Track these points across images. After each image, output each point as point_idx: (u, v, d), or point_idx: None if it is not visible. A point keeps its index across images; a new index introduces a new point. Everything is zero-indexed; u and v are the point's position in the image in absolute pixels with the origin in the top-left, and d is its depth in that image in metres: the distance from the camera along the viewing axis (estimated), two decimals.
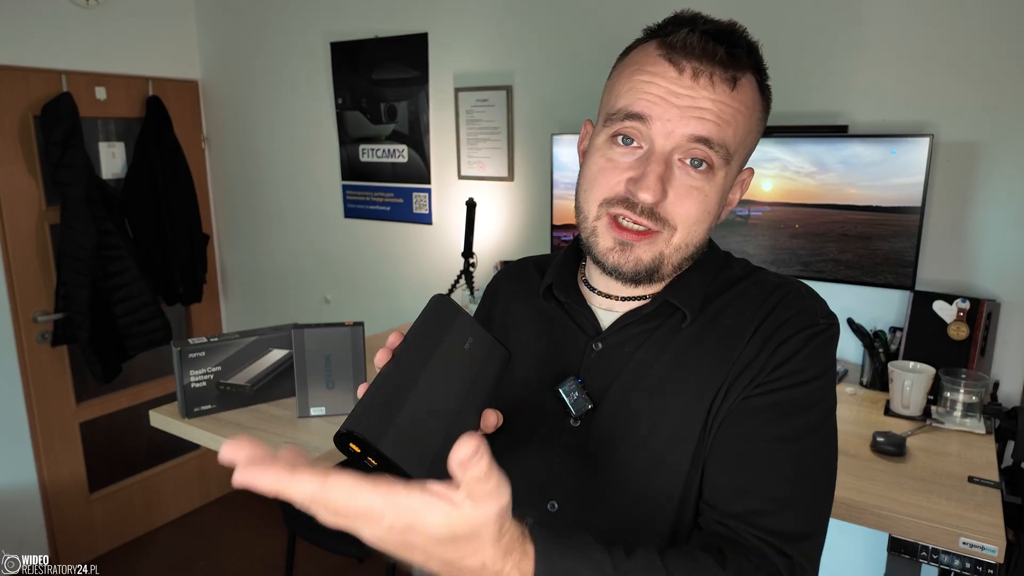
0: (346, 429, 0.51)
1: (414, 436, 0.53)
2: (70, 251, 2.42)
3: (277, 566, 2.70)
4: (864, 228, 1.64)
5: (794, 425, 0.66)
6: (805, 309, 0.70)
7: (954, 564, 1.14)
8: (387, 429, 0.52)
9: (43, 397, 2.57)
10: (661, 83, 0.64)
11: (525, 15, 2.13)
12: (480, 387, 0.62)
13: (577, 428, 0.72)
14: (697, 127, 0.64)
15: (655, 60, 0.66)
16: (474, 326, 0.65)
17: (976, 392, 1.46)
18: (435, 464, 0.53)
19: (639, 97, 0.65)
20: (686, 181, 0.66)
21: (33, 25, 2.40)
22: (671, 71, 0.64)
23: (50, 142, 2.38)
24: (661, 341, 0.72)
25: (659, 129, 0.64)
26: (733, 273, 0.76)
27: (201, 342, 1.53)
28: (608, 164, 0.68)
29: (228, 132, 2.97)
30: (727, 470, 0.66)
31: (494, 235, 2.32)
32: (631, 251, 0.67)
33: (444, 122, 2.37)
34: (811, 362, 0.68)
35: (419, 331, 0.61)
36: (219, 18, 2.85)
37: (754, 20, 1.90)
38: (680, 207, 0.66)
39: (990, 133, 1.57)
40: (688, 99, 0.64)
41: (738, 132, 0.66)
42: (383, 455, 0.51)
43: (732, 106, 0.65)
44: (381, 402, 0.53)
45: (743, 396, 0.67)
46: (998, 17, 1.52)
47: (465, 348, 0.63)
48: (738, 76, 0.65)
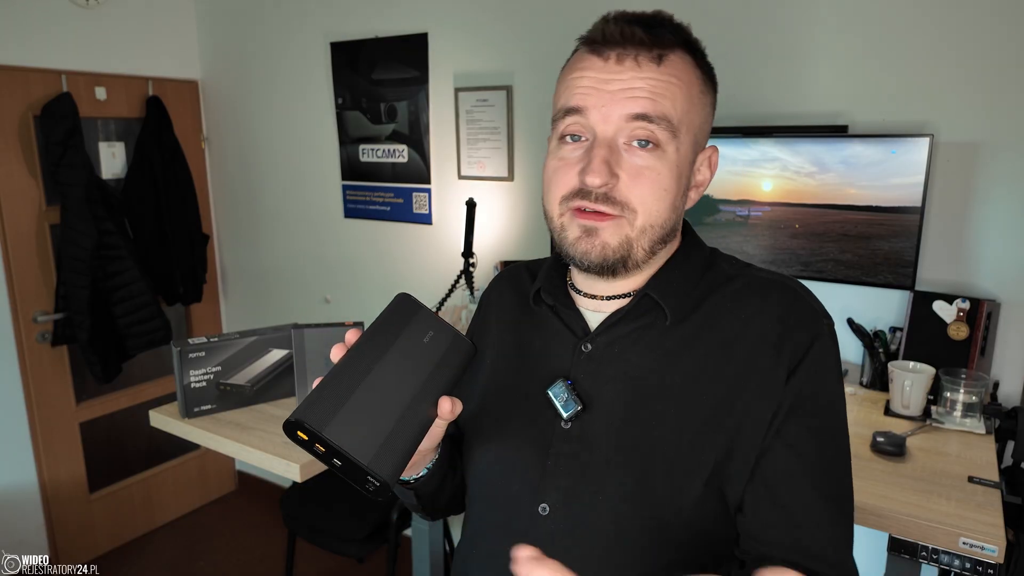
0: (293, 418, 0.53)
1: (361, 423, 0.55)
2: (70, 251, 2.42)
3: (277, 566, 2.70)
4: (864, 228, 1.64)
5: (828, 452, 0.69)
6: (809, 313, 0.70)
7: (954, 564, 1.14)
8: (331, 417, 0.54)
9: (43, 397, 2.57)
10: (590, 74, 0.67)
11: (525, 15, 2.13)
12: (439, 378, 0.63)
13: (568, 430, 0.71)
14: (631, 105, 0.65)
15: (582, 57, 0.69)
16: (436, 320, 0.67)
17: (976, 392, 1.46)
18: (384, 449, 0.55)
19: (572, 93, 0.68)
20: (635, 162, 0.66)
21: (33, 25, 2.40)
22: (597, 61, 0.67)
23: (50, 142, 2.38)
24: (652, 342, 0.71)
25: (596, 117, 0.66)
26: (723, 270, 0.75)
27: (201, 342, 1.53)
28: (560, 163, 0.69)
29: (228, 132, 2.97)
30: (770, 512, 0.66)
31: (494, 235, 2.32)
32: (596, 236, 0.68)
33: (444, 122, 2.37)
34: (832, 375, 0.70)
35: (377, 326, 0.63)
36: (219, 18, 2.85)
37: (754, 20, 1.92)
38: (634, 188, 0.66)
39: (990, 133, 1.57)
40: (617, 83, 0.65)
41: (676, 104, 0.66)
42: (327, 441, 0.53)
43: (663, 80, 0.66)
44: (329, 392, 0.56)
45: (776, 428, 0.66)
46: (998, 17, 1.52)
47: (424, 341, 0.64)
48: (664, 53, 0.66)
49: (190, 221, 2.86)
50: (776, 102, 1.80)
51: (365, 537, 2.08)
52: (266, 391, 1.61)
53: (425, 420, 0.61)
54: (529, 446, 0.73)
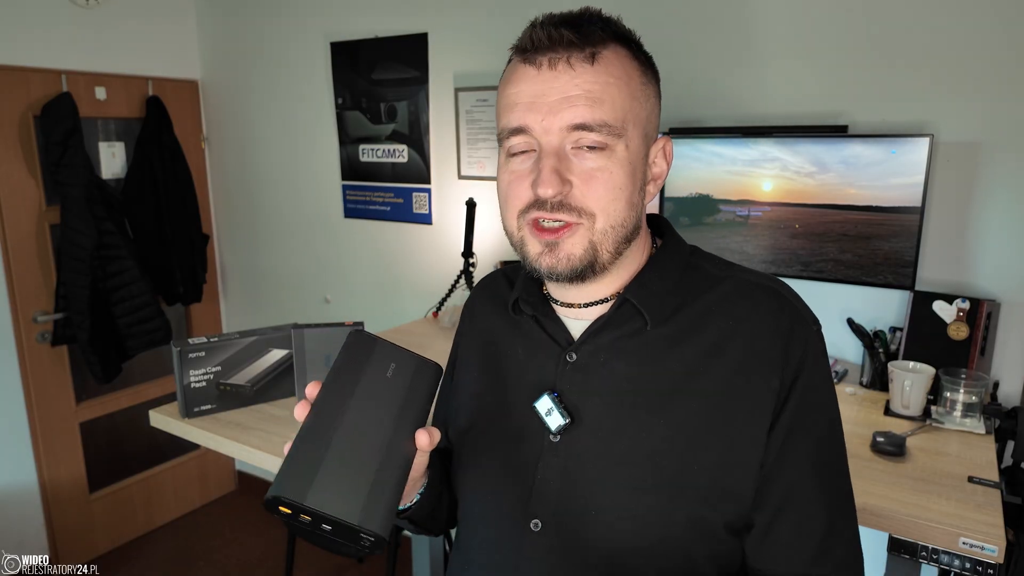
0: (271, 495, 0.51)
1: (341, 480, 0.53)
2: (70, 251, 2.42)
3: (277, 566, 2.70)
4: (864, 228, 1.64)
5: (834, 464, 0.70)
6: (800, 320, 0.69)
7: (954, 564, 1.14)
8: (310, 483, 0.52)
9: (43, 397, 2.57)
10: (526, 88, 0.66)
11: (525, 15, 2.12)
12: (411, 409, 0.62)
13: (557, 444, 0.70)
14: (570, 116, 0.64)
15: (515, 68, 0.68)
16: (395, 351, 0.65)
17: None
18: (370, 501, 0.53)
19: (512, 112, 0.67)
20: (585, 165, 0.65)
21: (33, 25, 2.40)
22: (531, 71, 0.66)
23: (50, 142, 2.38)
24: (637, 350, 0.70)
25: (539, 132, 0.65)
26: (706, 271, 0.73)
27: (201, 342, 1.52)
28: (512, 177, 0.68)
29: (228, 132, 2.97)
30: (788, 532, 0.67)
31: (494, 235, 2.32)
32: (559, 249, 0.66)
33: (444, 122, 2.37)
34: (826, 381, 0.70)
35: (336, 373, 0.61)
36: (219, 18, 2.85)
37: (754, 20, 1.91)
38: (589, 192, 0.65)
39: (990, 133, 1.57)
40: (554, 92, 0.64)
41: (617, 103, 0.65)
42: (311, 509, 0.51)
43: (599, 81, 0.64)
44: (302, 458, 0.54)
45: (782, 446, 0.67)
46: (998, 17, 1.52)
47: (388, 376, 0.63)
48: (596, 51, 0.65)
49: (190, 221, 2.86)
50: (776, 102, 1.80)
51: None
52: (266, 391, 1.61)
53: (406, 458, 0.59)
54: (518, 461, 0.72)
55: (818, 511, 0.67)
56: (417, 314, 2.52)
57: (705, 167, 1.78)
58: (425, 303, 2.48)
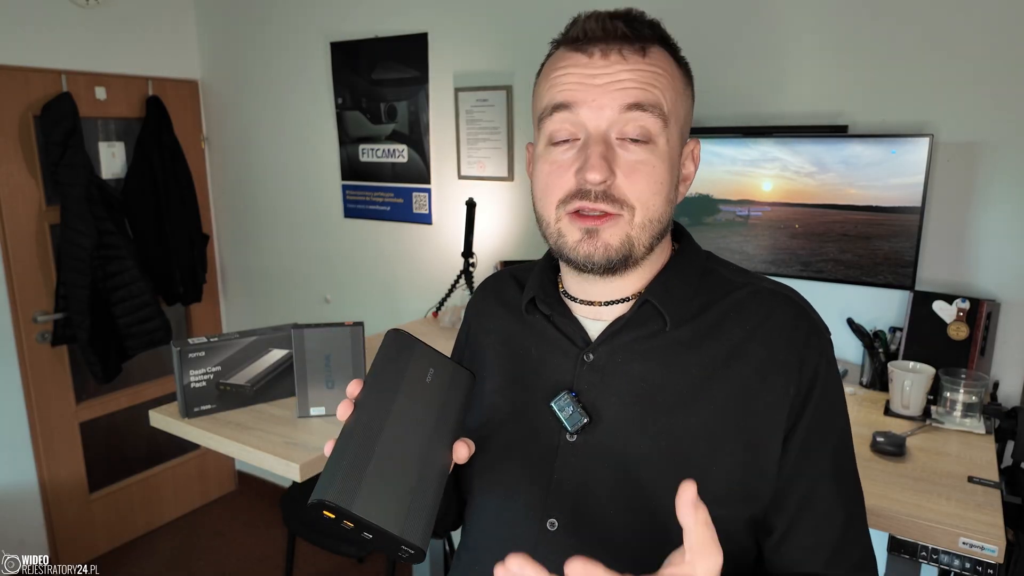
0: (316, 499, 0.51)
1: (384, 490, 0.53)
2: (70, 251, 2.42)
3: (277, 566, 2.70)
4: (864, 228, 1.64)
5: (848, 468, 0.71)
6: (815, 330, 0.71)
7: (954, 564, 1.14)
8: (356, 491, 0.51)
9: (43, 397, 2.57)
10: (575, 70, 0.65)
11: (525, 15, 2.13)
12: (447, 418, 0.61)
13: (574, 443, 0.70)
14: (623, 96, 0.64)
15: (564, 56, 0.67)
16: (434, 356, 0.65)
17: (976, 392, 1.46)
18: (412, 513, 0.53)
19: (559, 90, 0.66)
20: (630, 157, 0.65)
21: (33, 25, 2.40)
22: (582, 58, 0.66)
23: (50, 142, 2.38)
24: (656, 352, 0.70)
25: (587, 112, 0.65)
26: (723, 276, 0.74)
27: (201, 342, 1.52)
28: (553, 167, 0.67)
29: (228, 132, 2.97)
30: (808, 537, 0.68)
31: (494, 235, 2.32)
32: (598, 237, 0.66)
33: (444, 122, 2.37)
34: (839, 389, 0.72)
35: (379, 375, 0.60)
36: (219, 18, 2.85)
37: (754, 20, 1.91)
38: (632, 185, 0.65)
39: (990, 133, 1.57)
40: (605, 76, 0.64)
41: (665, 93, 0.66)
42: (357, 517, 0.51)
43: (650, 70, 0.65)
44: (348, 463, 0.53)
45: (799, 452, 0.68)
46: (998, 17, 1.52)
47: (428, 381, 0.62)
48: (646, 46, 0.66)
49: (190, 221, 2.86)
50: (776, 102, 1.80)
51: None
52: (266, 391, 1.61)
53: (442, 468, 0.59)
54: (534, 460, 0.72)
55: (835, 514, 0.68)
56: (417, 314, 2.52)
57: (705, 167, 1.78)
58: (425, 303, 2.48)
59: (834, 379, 0.71)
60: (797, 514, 0.68)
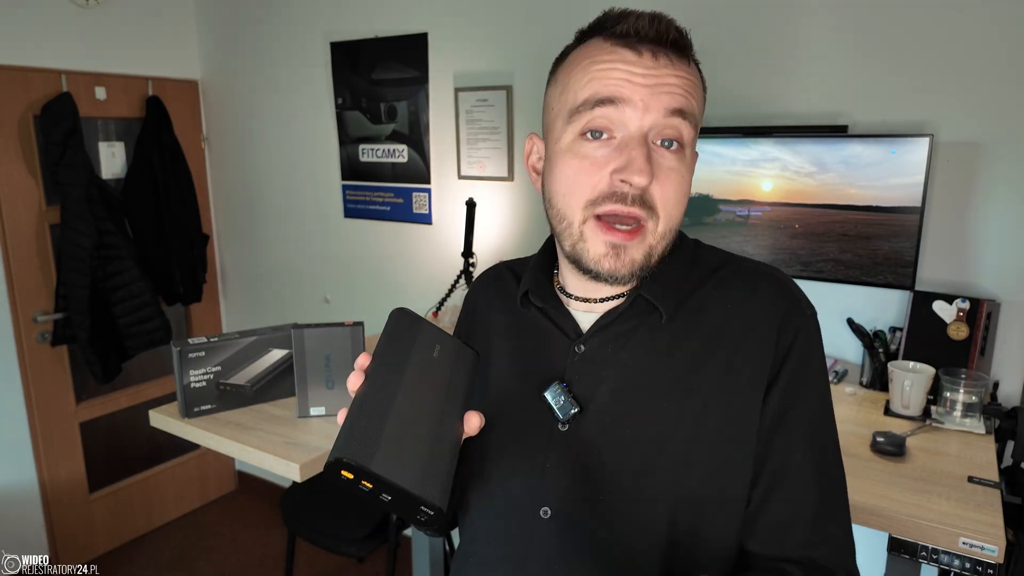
0: (334, 458, 0.50)
1: (401, 451, 0.53)
2: (70, 251, 2.42)
3: (277, 566, 2.70)
4: (864, 228, 1.64)
5: (822, 442, 0.70)
6: (795, 303, 0.71)
7: (954, 564, 1.14)
8: (375, 450, 0.51)
9: (43, 397, 2.57)
10: (623, 67, 0.63)
11: (525, 15, 2.13)
12: (456, 391, 0.62)
13: (566, 432, 0.71)
14: (670, 101, 0.63)
15: (610, 50, 0.64)
16: (439, 333, 0.65)
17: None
18: (428, 475, 0.53)
19: (605, 83, 0.63)
20: (664, 163, 0.65)
21: (33, 25, 2.40)
22: (630, 55, 0.63)
23: (50, 142, 2.38)
24: (644, 340, 0.71)
25: (632, 111, 0.63)
26: (707, 262, 0.75)
27: (201, 342, 1.53)
28: (584, 163, 0.65)
29: (228, 132, 2.97)
30: (782, 509, 0.68)
31: (494, 235, 2.32)
32: (625, 254, 0.66)
33: (444, 122, 2.37)
34: (819, 364, 0.71)
35: (387, 347, 0.61)
36: (219, 18, 2.85)
37: (754, 19, 1.91)
38: (664, 191, 0.65)
39: (990, 133, 1.57)
40: (653, 77, 0.63)
41: (699, 105, 0.67)
42: (376, 476, 0.50)
43: (691, 80, 0.66)
44: (364, 424, 0.53)
45: (774, 423, 0.68)
46: (998, 17, 1.52)
47: (435, 356, 0.63)
48: (690, 56, 0.67)
49: (190, 221, 2.86)
50: (776, 102, 1.80)
51: (365, 537, 2.08)
52: (266, 391, 1.61)
53: (456, 438, 0.59)
54: (528, 449, 0.73)
55: (810, 488, 0.67)
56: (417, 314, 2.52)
57: (705, 167, 1.78)
58: (425, 303, 2.48)
59: (814, 353, 0.70)
60: (770, 486, 0.67)
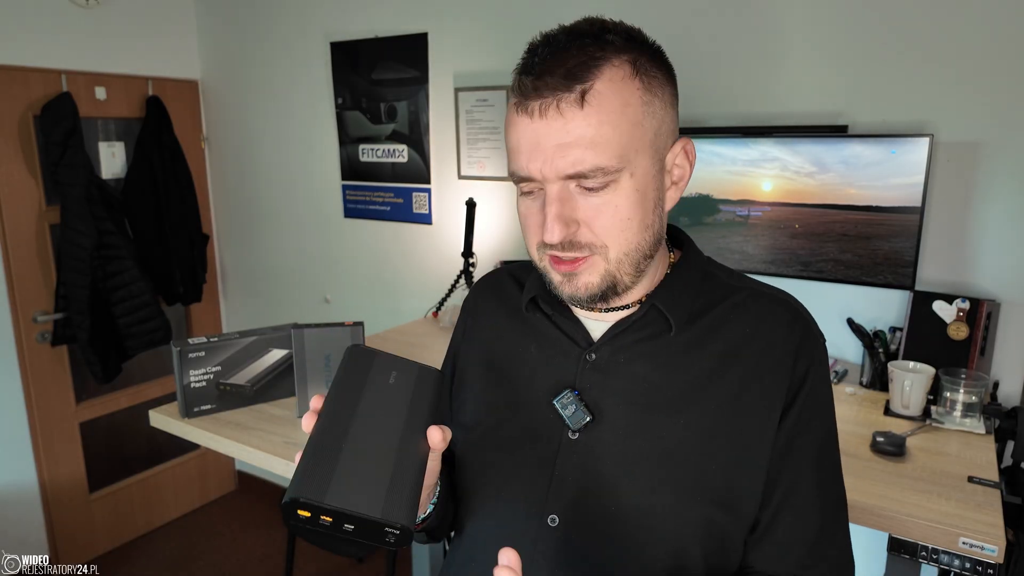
0: (289, 498, 0.50)
1: (357, 480, 0.53)
2: (70, 251, 2.42)
3: (277, 566, 2.70)
4: (864, 228, 1.64)
5: (828, 467, 0.72)
6: (809, 334, 0.72)
7: (954, 564, 1.14)
8: (327, 484, 0.51)
9: (43, 397, 2.57)
10: (524, 136, 0.65)
11: (525, 15, 2.13)
12: (418, 412, 0.62)
13: (576, 440, 0.71)
14: (563, 166, 0.63)
15: (515, 118, 0.66)
16: (395, 360, 0.66)
17: (976, 392, 1.46)
18: (391, 495, 0.53)
19: (516, 160, 0.67)
20: (590, 203, 0.65)
21: (33, 25, 2.40)
22: (524, 118, 0.65)
23: (50, 142, 2.38)
24: (657, 353, 0.71)
25: (541, 176, 0.65)
26: (721, 280, 0.76)
27: (201, 342, 1.53)
28: (527, 213, 0.70)
29: (228, 132, 2.97)
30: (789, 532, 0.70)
31: (494, 235, 2.32)
32: (577, 279, 0.68)
33: (444, 122, 2.37)
34: (828, 392, 0.73)
35: (339, 384, 0.61)
36: (219, 18, 2.85)
37: (754, 20, 1.91)
38: (596, 228, 0.65)
39: (990, 133, 1.57)
40: (549, 139, 0.63)
41: (613, 141, 0.63)
42: (331, 508, 0.50)
43: (592, 124, 0.62)
44: (316, 461, 0.53)
45: (786, 448, 0.69)
46: (998, 17, 1.52)
47: (391, 383, 0.63)
48: (586, 88, 0.62)
49: (190, 221, 2.86)
50: (776, 102, 1.80)
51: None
52: (266, 391, 1.61)
53: (421, 456, 0.59)
54: (534, 458, 0.73)
55: (813, 512, 0.70)
56: (417, 314, 2.52)
57: (705, 167, 1.78)
58: (425, 303, 2.48)
59: (823, 382, 0.72)
60: (777, 510, 0.69)
